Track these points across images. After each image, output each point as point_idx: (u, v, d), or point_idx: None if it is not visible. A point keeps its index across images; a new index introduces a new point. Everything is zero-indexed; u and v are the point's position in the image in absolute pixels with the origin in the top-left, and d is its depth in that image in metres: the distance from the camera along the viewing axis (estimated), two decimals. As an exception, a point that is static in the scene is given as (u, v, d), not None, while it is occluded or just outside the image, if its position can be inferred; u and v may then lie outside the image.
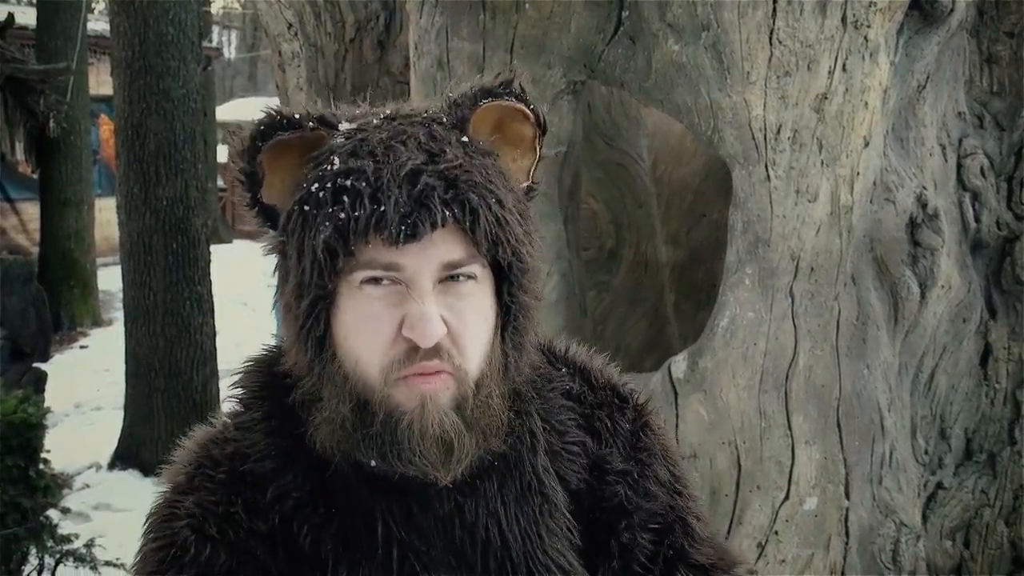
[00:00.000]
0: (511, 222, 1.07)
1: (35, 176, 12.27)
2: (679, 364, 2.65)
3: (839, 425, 2.70)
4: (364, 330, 1.06)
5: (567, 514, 1.18)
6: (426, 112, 1.13)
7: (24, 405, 4.59)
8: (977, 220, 3.04)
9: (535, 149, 1.18)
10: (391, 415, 1.06)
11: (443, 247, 1.04)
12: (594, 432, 1.26)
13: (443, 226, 1.02)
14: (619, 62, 2.71)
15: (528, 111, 1.15)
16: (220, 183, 19.96)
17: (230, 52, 35.16)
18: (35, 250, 12.66)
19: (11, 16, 9.91)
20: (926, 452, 3.03)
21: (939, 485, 3.08)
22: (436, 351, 1.04)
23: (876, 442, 2.75)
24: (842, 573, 2.72)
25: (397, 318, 1.04)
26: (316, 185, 1.05)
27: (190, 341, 7.22)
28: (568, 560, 1.16)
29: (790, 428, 2.64)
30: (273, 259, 1.14)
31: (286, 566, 1.09)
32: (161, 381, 7.19)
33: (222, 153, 20.58)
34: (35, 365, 8.30)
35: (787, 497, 2.64)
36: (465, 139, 1.10)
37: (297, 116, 1.10)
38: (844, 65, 2.57)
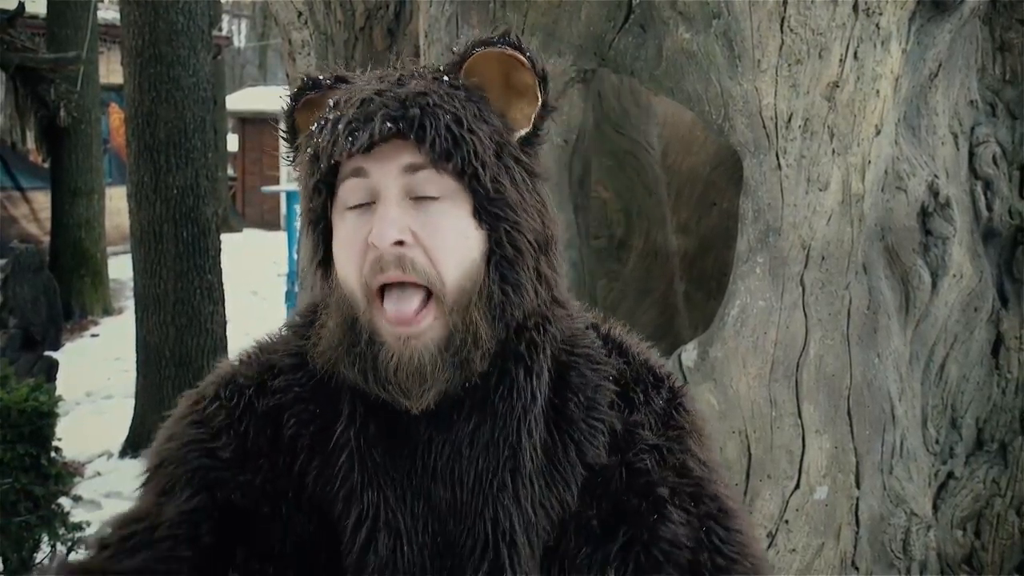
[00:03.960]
0: (472, 143, 1.13)
1: (46, 165, 12.31)
2: (689, 353, 2.65)
3: (850, 414, 2.69)
4: (343, 246, 1.16)
5: (532, 479, 1.18)
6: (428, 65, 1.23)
7: (36, 393, 4.60)
8: (989, 209, 3.02)
9: (537, 96, 1.21)
10: (373, 340, 1.14)
11: (404, 154, 1.12)
12: (628, 401, 1.26)
13: (381, 136, 1.10)
14: (629, 50, 2.70)
15: (523, 58, 1.19)
16: (230, 172, 20.00)
17: (240, 41, 35.14)
18: (46, 239, 12.70)
19: (21, 5, 9.93)
20: (937, 442, 3.02)
21: (950, 475, 3.07)
22: (399, 262, 1.11)
23: (887, 431, 2.74)
24: (852, 563, 2.72)
25: (366, 230, 1.12)
26: (315, 126, 1.18)
27: (201, 330, 7.24)
28: (512, 523, 1.16)
29: (800, 417, 2.63)
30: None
31: (267, 445, 1.21)
32: (172, 370, 7.22)
33: (232, 142, 20.61)
34: (46, 353, 8.34)
35: (797, 486, 2.64)
36: (445, 78, 1.19)
37: (321, 77, 1.24)
38: (856, 53, 2.56)
